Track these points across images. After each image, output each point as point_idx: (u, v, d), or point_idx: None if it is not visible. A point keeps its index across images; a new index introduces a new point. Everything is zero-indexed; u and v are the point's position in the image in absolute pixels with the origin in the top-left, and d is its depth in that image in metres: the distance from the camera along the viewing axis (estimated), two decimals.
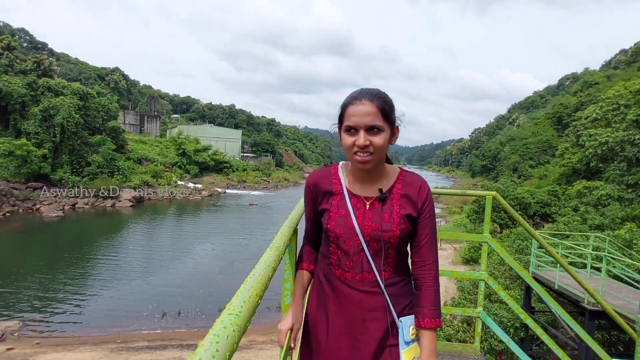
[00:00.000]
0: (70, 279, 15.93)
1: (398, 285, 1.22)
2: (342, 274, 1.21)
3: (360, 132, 1.12)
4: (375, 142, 1.13)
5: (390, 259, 1.20)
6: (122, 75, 79.79)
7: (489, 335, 8.90)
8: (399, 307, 1.21)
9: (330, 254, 1.24)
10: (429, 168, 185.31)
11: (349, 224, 1.19)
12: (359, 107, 1.13)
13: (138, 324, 12.41)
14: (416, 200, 1.21)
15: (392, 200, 1.21)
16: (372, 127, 1.12)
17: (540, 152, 45.48)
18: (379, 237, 1.17)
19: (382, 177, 1.24)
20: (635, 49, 60.74)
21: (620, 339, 9.19)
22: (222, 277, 16.58)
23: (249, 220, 31.04)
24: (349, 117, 1.15)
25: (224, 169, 56.05)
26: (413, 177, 1.25)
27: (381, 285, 1.19)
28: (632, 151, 22.41)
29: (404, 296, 1.23)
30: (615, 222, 16.40)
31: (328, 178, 1.28)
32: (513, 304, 2.81)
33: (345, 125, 1.16)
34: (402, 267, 1.24)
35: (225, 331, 0.52)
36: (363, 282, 1.19)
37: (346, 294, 1.21)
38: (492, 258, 13.45)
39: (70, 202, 31.26)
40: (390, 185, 1.23)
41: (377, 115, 1.13)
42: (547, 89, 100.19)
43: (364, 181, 1.24)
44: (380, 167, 1.23)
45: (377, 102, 1.14)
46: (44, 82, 35.95)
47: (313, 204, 1.30)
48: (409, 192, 1.22)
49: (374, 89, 1.18)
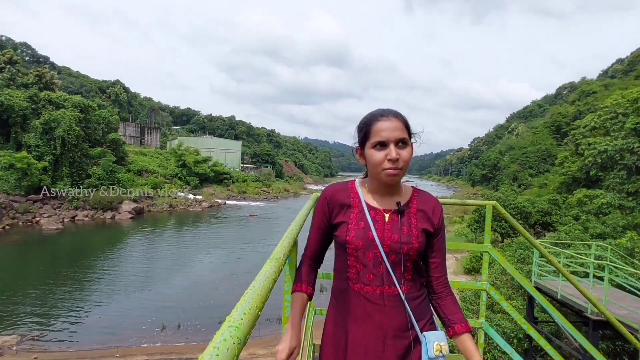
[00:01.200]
0: (69, 293, 15.81)
1: (418, 299, 1.24)
2: (361, 287, 1.21)
3: (391, 146, 1.16)
4: (404, 156, 1.18)
5: (408, 272, 1.22)
6: (123, 87, 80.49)
7: (492, 346, 8.80)
8: (422, 322, 1.22)
9: (348, 268, 1.24)
10: (428, 178, 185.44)
11: (369, 235, 1.20)
12: (387, 123, 1.18)
13: (137, 338, 12.27)
14: (432, 217, 1.26)
15: (410, 214, 1.25)
16: (400, 141, 1.18)
17: (540, 160, 45.60)
18: (399, 249, 1.19)
19: (399, 192, 1.28)
20: (631, 58, 61.39)
21: (625, 349, 9.07)
22: (222, 290, 16.45)
23: (249, 231, 30.93)
24: (377, 132, 1.18)
25: (224, 180, 56.09)
26: (428, 195, 1.32)
27: (403, 299, 1.19)
28: (631, 159, 22.47)
29: (425, 311, 1.25)
30: (616, 231, 16.36)
31: (346, 191, 1.30)
32: (515, 314, 2.79)
33: (374, 141, 1.18)
34: (420, 282, 1.26)
35: (225, 344, 0.52)
36: (383, 296, 1.19)
37: (366, 310, 1.20)
38: (494, 268, 13.37)
39: (70, 215, 31.20)
40: (407, 200, 1.27)
41: (404, 130, 1.19)
42: (546, 98, 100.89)
43: (383, 195, 1.27)
44: (398, 183, 1.27)
45: (401, 118, 1.21)
46: (45, 95, 36.20)
47: (326, 216, 1.30)
48: (425, 208, 1.27)
49: (393, 109, 1.25)
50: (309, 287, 1.33)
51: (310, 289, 1.33)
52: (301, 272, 1.35)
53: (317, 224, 1.33)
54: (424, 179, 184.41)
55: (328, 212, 1.30)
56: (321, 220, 1.31)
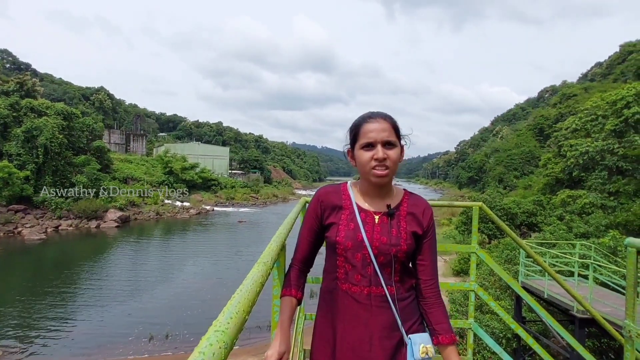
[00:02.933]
0: (53, 305, 15.41)
1: (406, 301, 1.25)
2: (349, 287, 1.23)
3: (378, 146, 1.19)
4: (391, 156, 1.20)
5: (397, 274, 1.23)
6: (107, 94, 79.31)
7: (482, 347, 8.87)
8: (408, 323, 1.23)
9: (337, 268, 1.26)
10: (416, 181, 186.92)
11: (358, 236, 1.22)
12: (374, 124, 1.21)
13: (124, 349, 12.00)
14: (422, 220, 1.27)
15: (400, 216, 1.27)
16: (387, 142, 1.20)
17: (524, 162, 46.42)
18: (387, 251, 1.21)
19: (390, 195, 1.29)
20: (609, 62, 63.19)
21: (610, 346, 9.24)
22: (210, 298, 16.24)
23: (238, 237, 30.67)
24: (365, 134, 1.21)
25: (212, 187, 55.59)
26: (418, 198, 1.33)
27: (389, 300, 1.20)
28: (611, 160, 23.05)
29: (413, 313, 1.26)
30: (599, 230, 16.72)
31: (338, 193, 1.32)
32: (504, 314, 2.81)
33: (363, 142, 1.21)
34: (408, 284, 1.27)
35: (211, 348, 0.51)
36: (370, 296, 1.21)
37: (353, 309, 1.22)
38: (482, 269, 13.51)
39: (53, 225, 30.47)
40: (397, 203, 1.29)
41: (392, 131, 1.22)
42: (528, 101, 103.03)
43: (373, 197, 1.29)
44: (389, 185, 1.29)
45: (390, 120, 1.24)
46: (27, 103, 35.43)
47: (318, 217, 1.31)
48: (415, 211, 1.28)
49: (382, 112, 1.27)
50: (299, 291, 1.32)
51: (299, 293, 1.32)
52: (290, 276, 1.33)
53: (309, 225, 1.33)
54: (412, 182, 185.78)
55: (320, 213, 1.31)
56: (313, 221, 1.32)
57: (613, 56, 62.77)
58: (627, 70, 49.50)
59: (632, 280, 1.39)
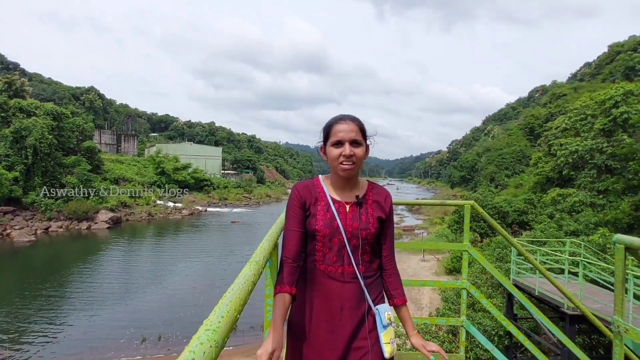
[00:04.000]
0: (43, 307, 15.20)
1: (372, 278, 1.45)
2: (325, 267, 1.39)
3: (346, 144, 1.38)
4: (357, 153, 1.39)
5: (366, 255, 1.43)
6: (98, 94, 78.46)
7: (474, 344, 8.94)
8: (373, 296, 1.43)
9: (315, 252, 1.41)
10: (409, 180, 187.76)
11: (335, 224, 1.40)
12: (344, 125, 1.40)
13: (115, 351, 11.88)
14: (384, 206, 1.49)
15: (367, 204, 1.47)
16: (354, 141, 1.39)
17: (515, 161, 46.82)
18: (358, 235, 1.40)
19: (357, 187, 1.49)
20: (598, 62, 64.09)
21: (600, 342, 9.38)
22: (203, 299, 16.15)
23: (231, 238, 30.54)
24: (335, 133, 1.40)
25: (205, 187, 55.26)
26: (380, 188, 1.54)
27: (358, 277, 1.40)
28: (600, 159, 23.37)
29: (377, 287, 1.47)
30: (589, 228, 16.94)
31: (313, 187, 1.48)
32: (495, 311, 2.84)
33: (333, 141, 1.40)
34: (375, 264, 1.48)
35: (201, 347, 0.50)
36: (344, 274, 1.39)
37: (328, 285, 1.39)
38: (474, 267, 13.62)
39: (43, 226, 30.05)
40: (364, 193, 1.49)
41: (358, 132, 1.41)
42: (519, 101, 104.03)
43: (343, 189, 1.47)
44: (356, 178, 1.48)
45: (357, 122, 1.43)
46: (16, 103, 34.91)
47: (302, 208, 1.44)
48: (379, 199, 1.50)
49: (352, 115, 1.46)
50: (292, 287, 1.34)
51: (293, 289, 1.34)
52: (283, 272, 1.35)
53: (296, 217, 1.43)
54: (404, 181, 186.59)
55: (302, 203, 1.44)
56: (299, 212, 1.43)
57: (602, 56, 63.67)
58: (616, 70, 50.23)
59: (621, 277, 1.41)
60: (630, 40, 56.43)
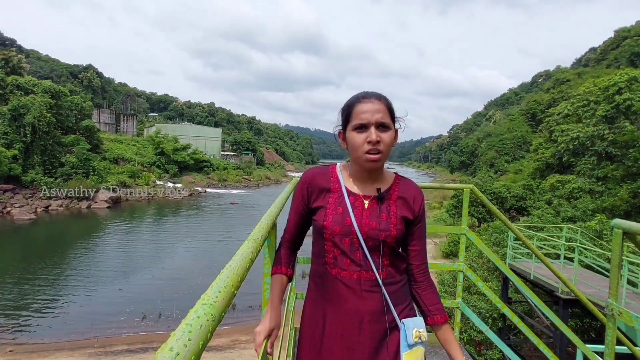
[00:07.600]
0: (44, 284, 15.39)
1: (397, 285, 1.22)
2: (338, 272, 1.19)
3: (371, 128, 1.13)
4: (385, 139, 1.14)
5: (386, 258, 1.20)
6: (96, 72, 77.57)
7: (469, 326, 9.11)
8: (400, 307, 1.21)
9: (325, 253, 1.22)
10: (409, 165, 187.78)
11: (347, 221, 1.18)
12: (368, 105, 1.15)
13: (117, 328, 12.10)
14: (413, 205, 1.24)
15: (390, 201, 1.22)
16: (381, 124, 1.14)
17: (516, 147, 46.74)
18: (376, 236, 1.17)
19: (381, 179, 1.25)
20: (603, 47, 63.11)
21: (592, 325, 9.56)
22: (202, 278, 16.35)
23: (230, 219, 30.71)
24: (358, 115, 1.15)
25: (204, 168, 55.23)
26: (410, 183, 1.29)
27: (380, 284, 1.17)
28: (601, 146, 23.33)
29: (404, 297, 1.23)
30: (586, 214, 17.04)
31: (326, 175, 1.27)
32: (491, 294, 2.87)
33: (355, 124, 1.15)
34: (399, 268, 1.24)
35: (198, 320, 0.51)
36: (360, 281, 1.18)
37: (343, 294, 1.19)
38: (471, 251, 13.75)
39: (43, 205, 30.16)
40: (388, 187, 1.24)
41: (386, 112, 1.16)
42: (522, 86, 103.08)
43: (364, 180, 1.24)
44: (381, 169, 1.24)
45: (384, 101, 1.17)
46: (13, 80, 34.48)
47: (305, 200, 1.28)
48: (406, 195, 1.24)
49: (377, 92, 1.20)
50: (289, 268, 1.33)
51: (290, 270, 1.33)
52: (280, 254, 1.34)
53: (296, 208, 1.31)
54: (404, 165, 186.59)
55: (307, 195, 1.27)
56: (300, 204, 1.29)
57: (607, 41, 62.64)
58: (621, 56, 49.54)
59: (617, 261, 1.42)
60: (638, 26, 55.50)
